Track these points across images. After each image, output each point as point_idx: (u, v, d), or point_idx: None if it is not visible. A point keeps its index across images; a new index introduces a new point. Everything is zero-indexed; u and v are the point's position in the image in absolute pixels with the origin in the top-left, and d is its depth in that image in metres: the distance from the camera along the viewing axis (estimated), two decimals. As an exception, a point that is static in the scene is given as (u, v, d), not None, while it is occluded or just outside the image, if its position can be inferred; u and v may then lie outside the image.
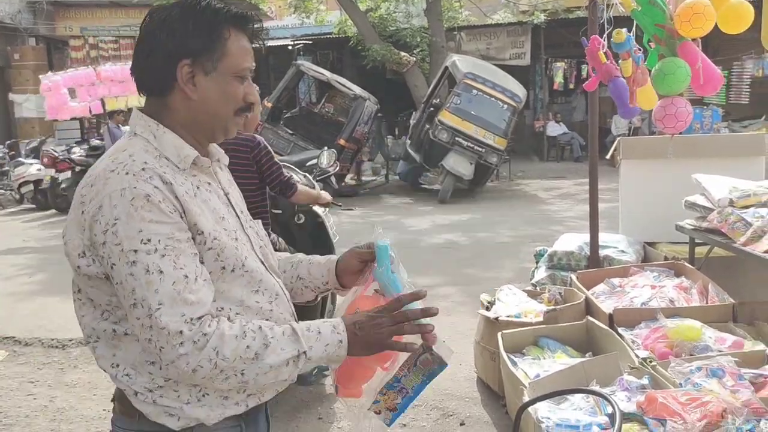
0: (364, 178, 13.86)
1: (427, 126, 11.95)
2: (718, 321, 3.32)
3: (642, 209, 4.94)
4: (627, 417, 2.39)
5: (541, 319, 3.65)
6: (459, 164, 11.30)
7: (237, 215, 1.44)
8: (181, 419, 1.32)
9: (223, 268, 1.32)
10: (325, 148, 11.40)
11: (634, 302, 3.61)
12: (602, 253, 4.55)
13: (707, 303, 3.54)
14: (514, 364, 3.25)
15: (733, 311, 3.41)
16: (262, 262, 1.43)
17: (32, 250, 8.41)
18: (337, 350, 1.32)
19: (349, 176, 13.66)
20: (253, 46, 1.41)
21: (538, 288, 4.45)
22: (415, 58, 15.24)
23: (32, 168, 11.41)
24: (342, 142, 12.16)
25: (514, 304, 3.97)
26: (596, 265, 4.46)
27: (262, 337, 1.27)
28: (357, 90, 12.87)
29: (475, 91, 11.58)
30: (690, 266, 3.98)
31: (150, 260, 1.22)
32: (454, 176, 11.38)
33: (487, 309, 4.00)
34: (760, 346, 3.09)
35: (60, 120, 12.81)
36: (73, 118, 13.64)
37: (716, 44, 10.88)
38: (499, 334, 3.49)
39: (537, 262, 5.02)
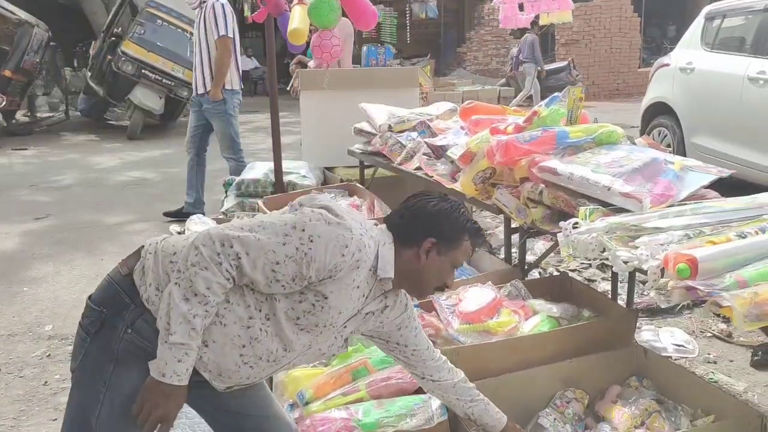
0: (39, 115, 12.49)
1: (110, 57, 11.13)
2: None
3: (320, 137, 5.35)
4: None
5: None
6: (147, 98, 10.81)
7: (341, 325, 1.77)
8: None
9: (298, 317, 1.67)
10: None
11: (312, 220, 3.97)
12: (286, 179, 4.86)
13: (374, 216, 4.05)
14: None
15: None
16: (308, 348, 1.76)
17: None
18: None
19: (20, 112, 12.21)
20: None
21: (227, 216, 4.61)
22: (89, -18, 13.94)
23: None
24: (7, 73, 10.79)
25: (203, 231, 4.07)
26: (281, 190, 4.76)
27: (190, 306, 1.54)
28: (22, 15, 11.39)
29: (159, 21, 11.05)
30: (361, 186, 4.48)
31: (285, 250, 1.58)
32: (143, 111, 10.88)
33: (177, 239, 4.04)
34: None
35: (507, 28, 13.29)
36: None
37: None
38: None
39: (226, 192, 5.17)
